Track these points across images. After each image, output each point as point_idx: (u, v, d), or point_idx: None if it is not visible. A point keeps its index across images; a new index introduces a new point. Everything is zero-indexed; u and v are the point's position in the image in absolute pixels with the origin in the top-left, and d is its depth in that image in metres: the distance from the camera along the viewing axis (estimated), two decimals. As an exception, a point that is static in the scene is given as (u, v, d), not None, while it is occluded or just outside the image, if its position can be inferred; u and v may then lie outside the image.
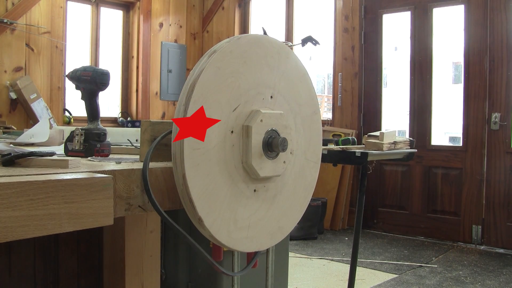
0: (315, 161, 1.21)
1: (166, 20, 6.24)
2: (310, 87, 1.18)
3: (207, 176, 0.94)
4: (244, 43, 1.00)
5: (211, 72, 0.94)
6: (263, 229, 1.09)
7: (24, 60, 4.96)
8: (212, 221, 0.95)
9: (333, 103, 5.54)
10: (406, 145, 2.47)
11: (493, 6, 4.42)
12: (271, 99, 1.07)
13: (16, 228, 0.71)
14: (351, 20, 5.30)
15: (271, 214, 1.10)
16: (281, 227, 1.14)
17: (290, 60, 1.12)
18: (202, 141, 0.93)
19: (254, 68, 1.02)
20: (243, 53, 1.00)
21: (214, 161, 0.95)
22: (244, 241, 1.04)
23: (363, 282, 3.46)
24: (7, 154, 0.98)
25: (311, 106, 1.18)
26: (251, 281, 2.12)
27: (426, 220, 4.82)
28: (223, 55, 0.96)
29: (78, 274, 1.80)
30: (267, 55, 1.05)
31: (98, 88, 1.31)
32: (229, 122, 0.98)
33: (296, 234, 4.59)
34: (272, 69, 1.06)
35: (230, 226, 1.00)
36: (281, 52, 1.09)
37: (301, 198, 1.18)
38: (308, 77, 1.17)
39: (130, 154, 1.42)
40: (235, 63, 0.98)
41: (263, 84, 1.05)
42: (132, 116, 6.09)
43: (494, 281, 3.49)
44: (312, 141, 1.19)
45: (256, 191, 1.05)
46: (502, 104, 4.39)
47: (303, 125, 1.16)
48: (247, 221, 1.04)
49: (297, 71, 1.14)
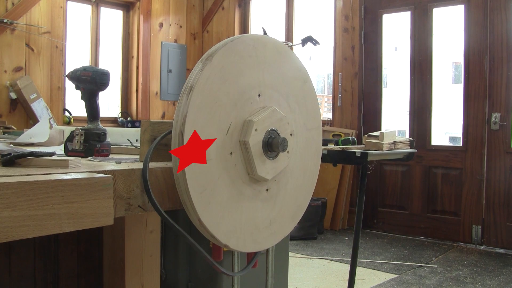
0: (316, 127, 1.22)
1: (166, 20, 6.24)
2: (292, 59, 1.16)
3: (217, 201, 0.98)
4: (218, 61, 0.97)
5: (194, 112, 0.93)
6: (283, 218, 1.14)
7: (24, 60, 4.96)
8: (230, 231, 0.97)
9: (333, 103, 5.54)
10: (406, 145, 2.47)
11: (493, 6, 4.42)
12: (259, 97, 1.06)
13: (16, 228, 0.71)
14: (351, 20, 5.30)
15: (282, 204, 1.14)
16: (299, 205, 1.19)
17: (267, 47, 1.09)
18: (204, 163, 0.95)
19: (235, 78, 1.01)
20: (220, 73, 0.97)
21: (220, 187, 0.98)
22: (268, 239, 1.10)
23: (363, 282, 3.46)
24: (7, 154, 0.98)
25: (299, 78, 1.17)
26: (251, 281, 2.12)
27: (426, 220, 4.82)
28: (200, 91, 0.93)
29: (78, 274, 1.80)
30: (244, 57, 1.03)
31: (98, 88, 1.31)
32: (226, 146, 0.98)
33: (296, 234, 4.59)
34: (253, 67, 1.05)
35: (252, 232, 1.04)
36: (257, 45, 1.06)
37: (312, 166, 1.22)
38: (287, 51, 1.15)
39: (130, 154, 1.42)
40: (215, 89, 0.96)
41: (248, 88, 1.03)
42: (132, 116, 6.09)
43: (494, 281, 3.49)
44: (309, 110, 1.20)
45: (268, 190, 1.08)
46: (502, 104, 4.39)
47: (297, 101, 1.16)
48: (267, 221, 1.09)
49: (275, 53, 1.11)
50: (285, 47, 1.14)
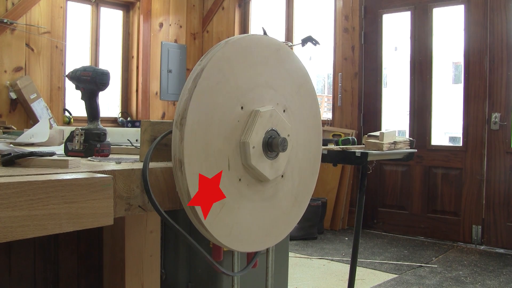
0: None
1: (166, 20, 6.24)
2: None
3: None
4: (202, 89, 0.94)
5: (192, 150, 0.93)
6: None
7: (24, 60, 4.96)
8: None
9: (333, 103, 5.54)
10: (406, 145, 2.47)
11: (493, 6, 4.42)
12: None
13: (16, 228, 0.71)
14: (351, 20, 5.30)
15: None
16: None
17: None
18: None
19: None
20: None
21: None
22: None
23: (363, 282, 3.46)
24: (7, 154, 0.98)
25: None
26: (251, 281, 2.12)
27: (426, 220, 4.82)
28: (192, 127, 0.93)
29: (78, 274, 1.80)
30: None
31: (98, 88, 1.31)
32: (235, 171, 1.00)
33: (296, 234, 4.59)
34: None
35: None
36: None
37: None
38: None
39: (130, 154, 1.42)
40: (203, 137, 0.96)
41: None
42: (132, 116, 6.09)
43: (494, 281, 3.49)
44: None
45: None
46: (502, 104, 4.39)
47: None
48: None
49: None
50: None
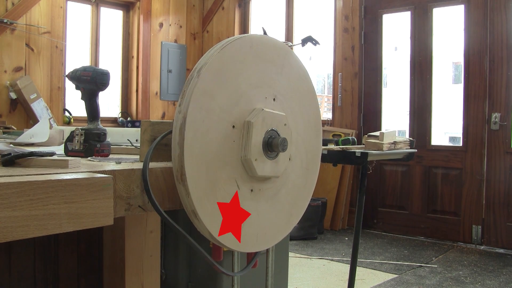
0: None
1: (166, 20, 6.24)
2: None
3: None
4: (190, 139, 0.94)
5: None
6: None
7: (24, 60, 4.96)
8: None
9: (333, 103, 5.54)
10: (406, 145, 2.47)
11: (493, 6, 4.42)
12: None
13: (16, 228, 0.71)
14: (351, 20, 5.30)
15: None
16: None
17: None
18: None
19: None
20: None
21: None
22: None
23: (363, 282, 3.46)
24: (7, 154, 0.98)
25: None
26: (251, 281, 2.12)
27: (426, 220, 4.82)
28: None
29: (78, 274, 1.80)
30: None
31: (98, 88, 1.31)
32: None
33: (296, 234, 4.59)
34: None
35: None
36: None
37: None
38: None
39: (130, 154, 1.42)
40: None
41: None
42: (132, 116, 6.09)
43: (494, 281, 3.49)
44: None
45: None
46: (502, 104, 4.39)
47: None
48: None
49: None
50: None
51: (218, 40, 5.54)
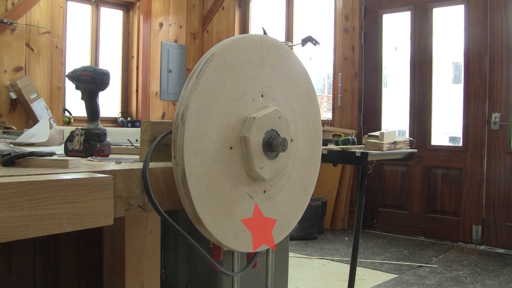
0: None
1: (166, 20, 6.24)
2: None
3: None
4: (194, 187, 0.94)
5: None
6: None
7: (24, 60, 4.96)
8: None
9: (333, 103, 5.54)
10: (406, 145, 2.47)
11: (493, 6, 4.42)
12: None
13: (16, 228, 0.71)
14: (351, 20, 5.30)
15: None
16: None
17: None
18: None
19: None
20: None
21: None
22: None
23: (363, 282, 3.46)
24: (7, 154, 0.98)
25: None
26: (251, 281, 2.12)
27: (426, 220, 4.82)
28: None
29: (78, 274, 1.80)
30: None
31: (98, 88, 1.31)
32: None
33: (296, 234, 4.59)
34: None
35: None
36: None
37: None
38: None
39: (130, 154, 1.42)
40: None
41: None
42: (132, 116, 6.09)
43: (494, 281, 3.49)
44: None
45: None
46: (502, 104, 4.39)
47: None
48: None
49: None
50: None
51: (218, 40, 5.53)
